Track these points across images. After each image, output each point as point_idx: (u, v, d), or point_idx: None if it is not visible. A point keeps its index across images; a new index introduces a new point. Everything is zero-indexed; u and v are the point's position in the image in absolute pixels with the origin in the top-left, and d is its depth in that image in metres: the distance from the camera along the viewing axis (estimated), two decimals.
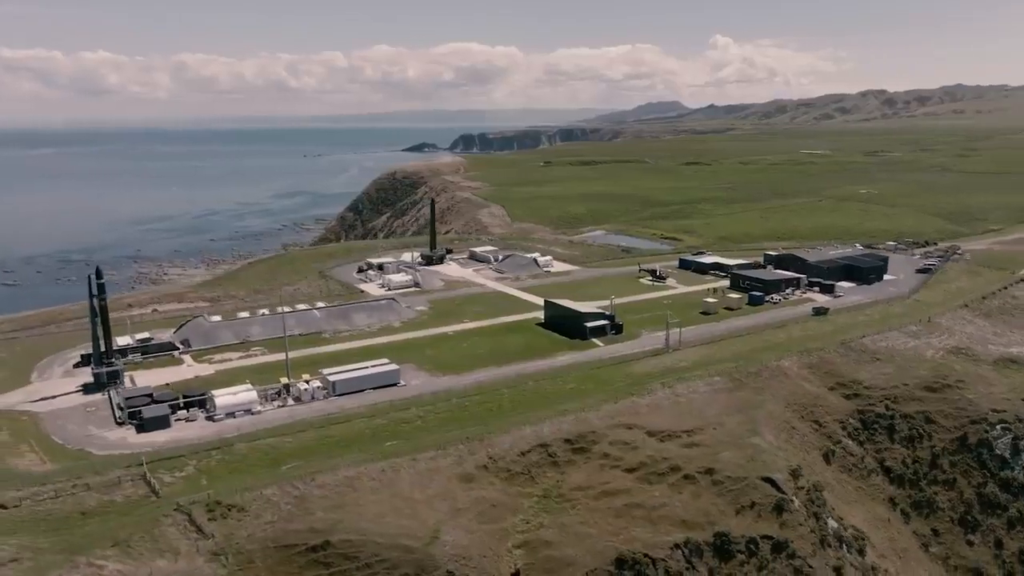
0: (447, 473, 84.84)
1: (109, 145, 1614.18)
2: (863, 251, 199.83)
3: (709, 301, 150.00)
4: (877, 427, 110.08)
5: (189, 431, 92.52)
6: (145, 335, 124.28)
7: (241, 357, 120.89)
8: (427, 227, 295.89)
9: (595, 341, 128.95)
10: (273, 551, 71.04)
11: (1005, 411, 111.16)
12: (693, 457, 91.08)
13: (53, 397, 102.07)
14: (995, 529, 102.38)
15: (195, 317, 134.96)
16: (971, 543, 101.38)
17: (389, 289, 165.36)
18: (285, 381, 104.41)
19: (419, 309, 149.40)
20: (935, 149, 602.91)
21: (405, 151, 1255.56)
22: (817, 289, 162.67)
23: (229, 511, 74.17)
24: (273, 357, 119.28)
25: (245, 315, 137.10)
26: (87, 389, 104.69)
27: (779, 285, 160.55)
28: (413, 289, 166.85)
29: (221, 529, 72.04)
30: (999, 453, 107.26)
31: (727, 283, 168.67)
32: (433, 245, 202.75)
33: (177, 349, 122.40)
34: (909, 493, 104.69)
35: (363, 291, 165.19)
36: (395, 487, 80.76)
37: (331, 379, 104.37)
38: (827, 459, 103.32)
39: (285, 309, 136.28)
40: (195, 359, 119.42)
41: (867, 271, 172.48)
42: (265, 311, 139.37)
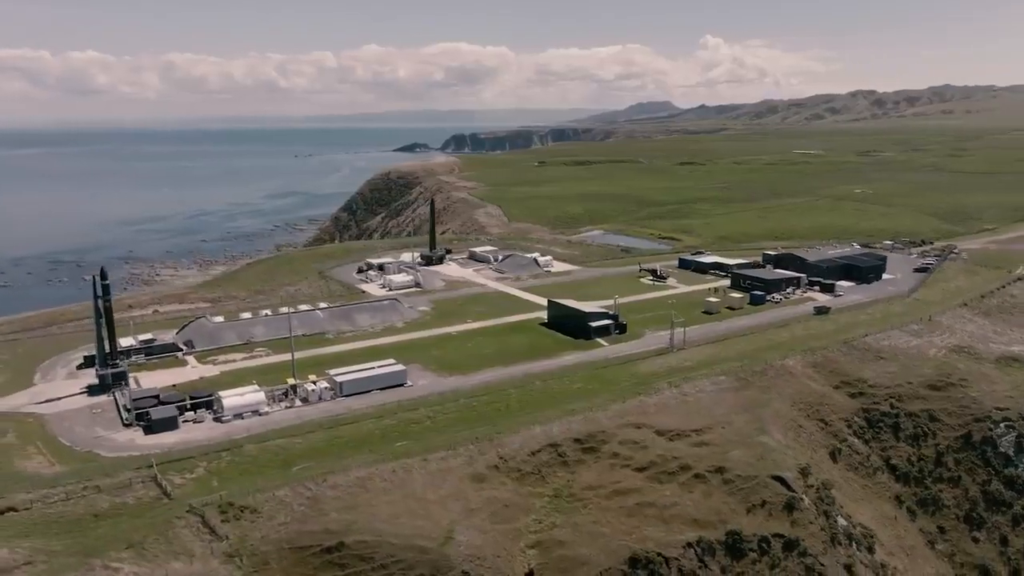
0: (459, 473, 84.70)
1: (98, 145, 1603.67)
2: (861, 250, 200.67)
3: (711, 300, 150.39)
4: (882, 425, 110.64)
5: (197, 432, 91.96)
6: (148, 336, 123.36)
7: (245, 358, 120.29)
8: (423, 227, 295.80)
9: (599, 341, 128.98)
10: (288, 552, 70.76)
11: (1008, 409, 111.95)
12: (703, 456, 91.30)
13: (58, 399, 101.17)
14: (1000, 526, 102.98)
15: (197, 318, 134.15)
16: (976, 540, 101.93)
17: (390, 289, 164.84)
18: (292, 382, 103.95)
19: (422, 309, 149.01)
20: (927, 149, 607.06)
21: (396, 151, 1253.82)
22: (817, 288, 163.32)
23: (242, 512, 73.83)
24: (277, 358, 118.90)
25: (247, 316, 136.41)
26: (92, 391, 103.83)
27: (780, 284, 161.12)
28: (414, 289, 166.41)
29: (235, 531, 71.73)
30: (1003, 451, 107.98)
31: (727, 283, 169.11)
32: (433, 245, 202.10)
33: (180, 350, 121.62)
34: (915, 491, 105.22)
35: (364, 291, 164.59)
36: (407, 488, 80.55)
37: (338, 380, 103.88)
38: (834, 457, 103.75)
39: (288, 310, 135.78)
40: (199, 360, 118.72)
41: (866, 270, 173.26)
42: (267, 312, 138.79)
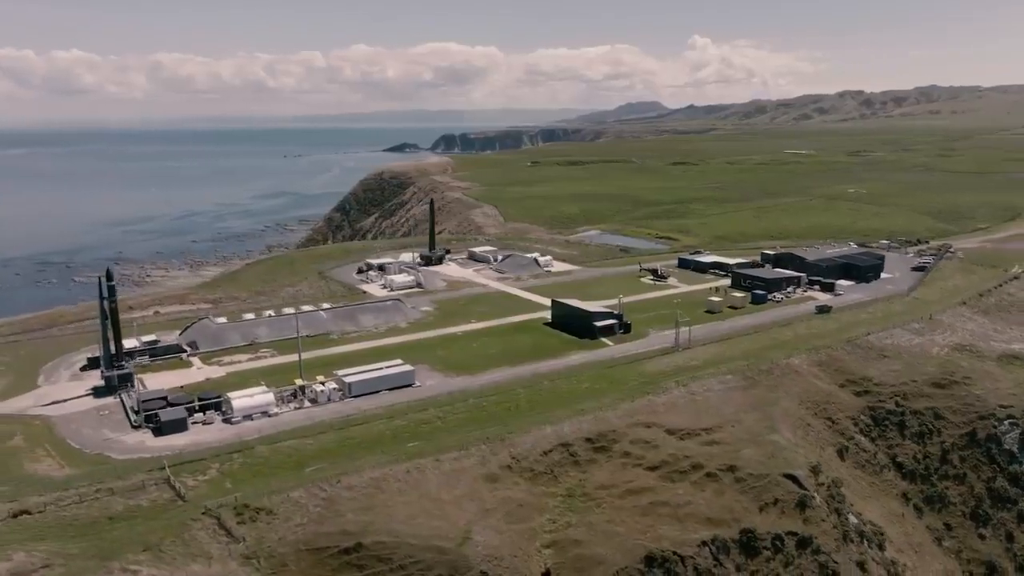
0: (472, 473, 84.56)
1: (84, 145, 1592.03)
2: (858, 250, 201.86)
3: (713, 300, 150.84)
4: (888, 423, 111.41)
5: (207, 434, 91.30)
6: (152, 337, 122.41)
7: (250, 359, 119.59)
8: (418, 227, 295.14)
9: (604, 340, 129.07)
10: (305, 554, 70.44)
11: (1012, 406, 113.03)
12: (714, 455, 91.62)
13: (64, 401, 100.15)
14: (1006, 523, 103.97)
15: (200, 319, 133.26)
16: (983, 537, 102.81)
17: (392, 290, 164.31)
18: (300, 383, 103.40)
19: (424, 310, 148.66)
20: (916, 149, 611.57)
21: (386, 151, 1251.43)
22: (817, 287, 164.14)
23: (258, 514, 73.42)
24: (282, 359, 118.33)
25: (250, 316, 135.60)
26: (98, 392, 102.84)
27: (781, 284, 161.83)
28: (416, 290, 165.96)
29: (251, 532, 71.32)
30: (1007, 448, 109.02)
31: (728, 282, 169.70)
32: (432, 245, 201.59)
33: (185, 351, 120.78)
34: (921, 488, 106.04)
35: (365, 292, 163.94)
36: (422, 488, 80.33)
37: (347, 380, 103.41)
38: (841, 455, 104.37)
39: (292, 310, 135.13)
40: (204, 361, 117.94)
41: (865, 269, 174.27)
42: (271, 312, 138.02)
